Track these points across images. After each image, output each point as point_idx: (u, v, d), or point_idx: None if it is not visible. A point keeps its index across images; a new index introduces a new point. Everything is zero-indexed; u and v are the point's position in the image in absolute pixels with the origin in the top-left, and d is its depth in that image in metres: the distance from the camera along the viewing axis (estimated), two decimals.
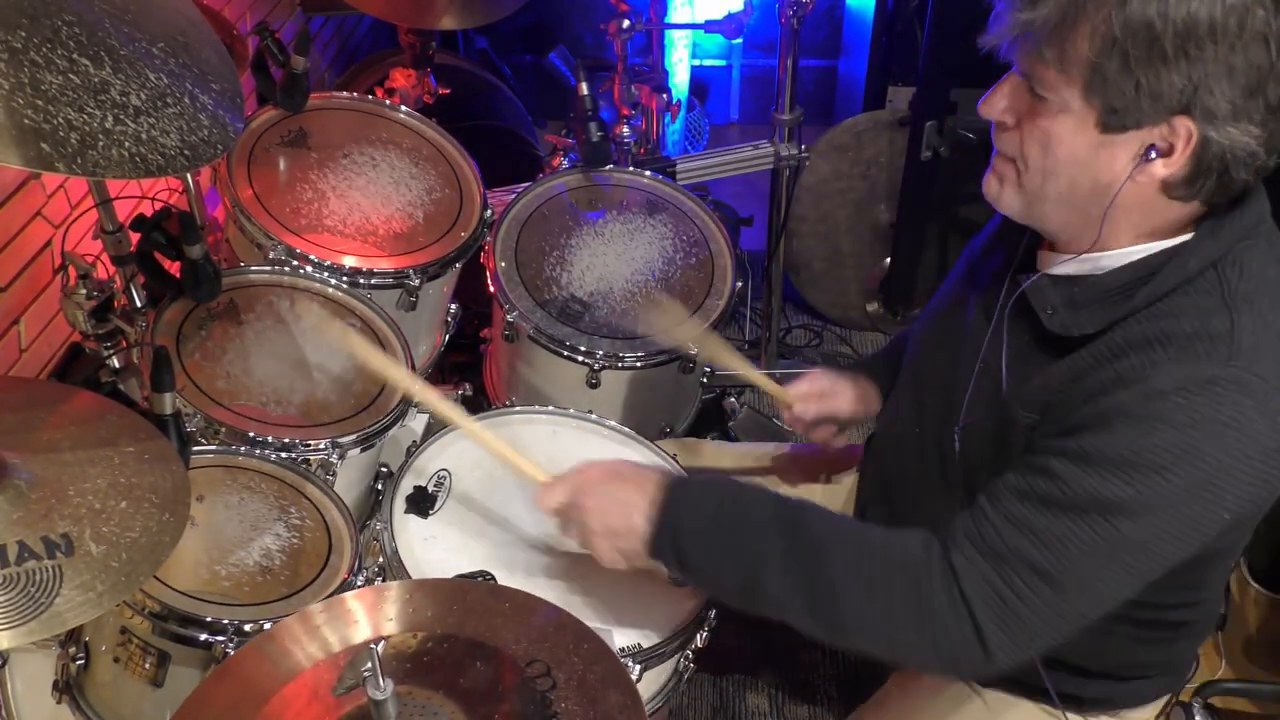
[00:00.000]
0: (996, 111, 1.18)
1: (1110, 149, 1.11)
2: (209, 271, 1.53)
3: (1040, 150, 1.15)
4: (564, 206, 2.02)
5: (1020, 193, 1.20)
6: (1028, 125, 1.15)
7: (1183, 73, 1.04)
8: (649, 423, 1.86)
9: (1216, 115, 1.06)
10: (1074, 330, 1.18)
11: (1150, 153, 1.10)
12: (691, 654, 1.47)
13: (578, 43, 3.88)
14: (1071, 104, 1.10)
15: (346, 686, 1.05)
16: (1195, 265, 1.13)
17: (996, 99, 1.18)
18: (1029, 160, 1.16)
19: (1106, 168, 1.12)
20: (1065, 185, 1.15)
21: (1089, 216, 1.17)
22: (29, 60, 1.01)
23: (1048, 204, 1.18)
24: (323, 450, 1.53)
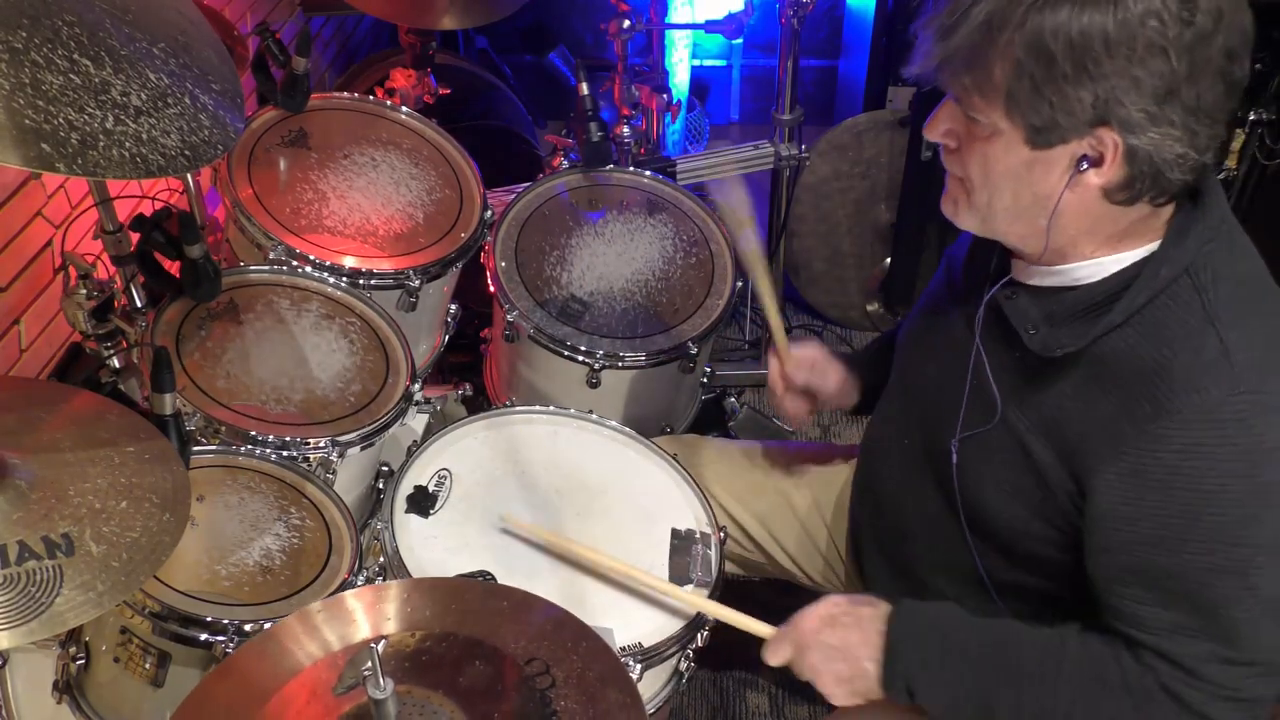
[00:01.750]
0: (938, 134, 1.21)
1: (1043, 163, 1.13)
2: (209, 271, 1.53)
3: (981, 170, 1.17)
4: (564, 206, 2.02)
5: (972, 210, 1.22)
6: (967, 146, 1.18)
7: (1088, 88, 1.06)
8: (649, 422, 1.86)
9: (1133, 124, 1.07)
10: (1056, 350, 1.19)
11: (1082, 164, 1.11)
12: (691, 654, 1.47)
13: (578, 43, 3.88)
14: (999, 125, 1.12)
15: (346, 686, 1.05)
16: (1167, 273, 1.14)
17: (938, 123, 1.20)
18: (973, 180, 1.19)
19: (1042, 181, 1.14)
20: (1009, 200, 1.17)
21: (1038, 228, 1.18)
22: (30, 60, 1.01)
23: (998, 219, 1.20)
24: (323, 449, 1.53)
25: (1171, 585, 1.14)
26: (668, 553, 1.53)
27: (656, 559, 1.52)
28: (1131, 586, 1.17)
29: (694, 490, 1.63)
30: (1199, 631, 1.14)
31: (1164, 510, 1.12)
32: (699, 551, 1.54)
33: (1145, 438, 1.12)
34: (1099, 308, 1.18)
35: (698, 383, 2.02)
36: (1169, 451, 1.11)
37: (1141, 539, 1.14)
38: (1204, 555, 1.12)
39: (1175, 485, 1.11)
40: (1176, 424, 1.11)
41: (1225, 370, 1.10)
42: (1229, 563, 1.11)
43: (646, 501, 1.60)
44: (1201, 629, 1.14)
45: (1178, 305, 1.14)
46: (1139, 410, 1.13)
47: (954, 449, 1.31)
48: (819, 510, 1.69)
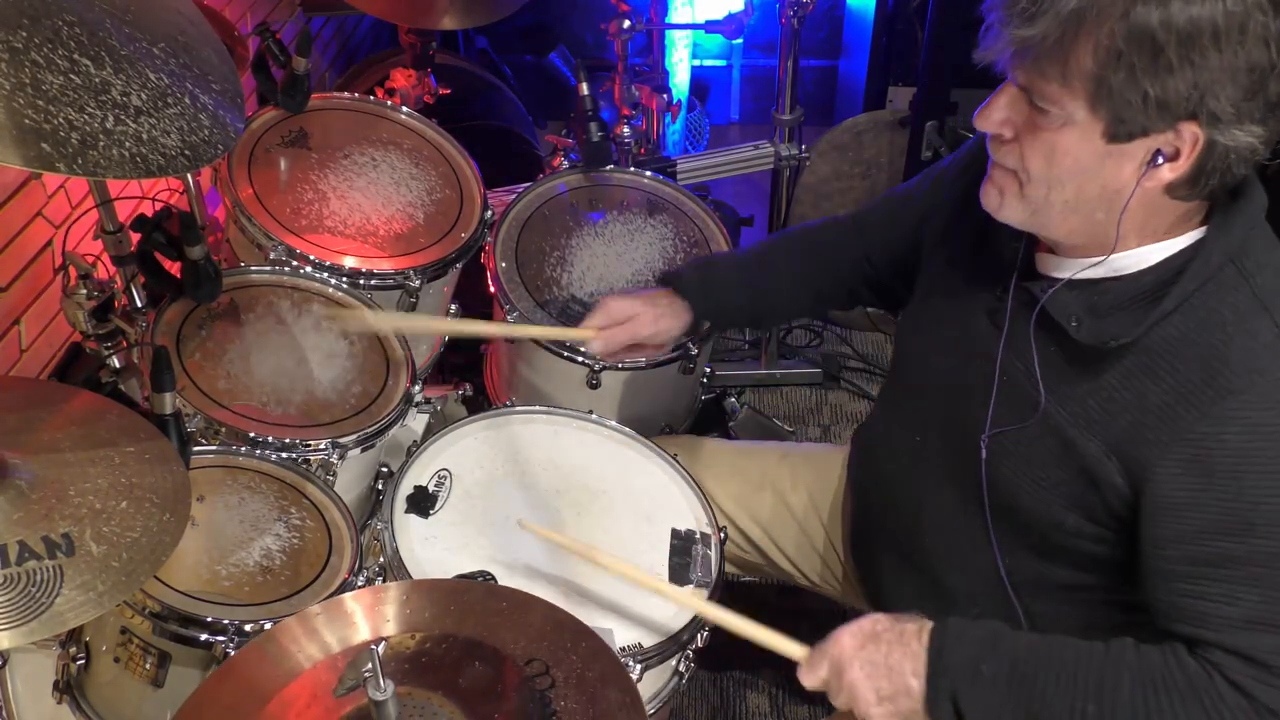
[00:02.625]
0: (994, 124, 1.17)
1: (1117, 158, 1.11)
2: (209, 272, 1.53)
3: (1044, 162, 1.14)
4: (564, 207, 2.02)
5: (1023, 203, 1.19)
6: (1028, 137, 1.14)
7: (1187, 79, 1.04)
8: (649, 423, 1.86)
9: (1221, 118, 1.06)
10: (1108, 341, 1.17)
11: (1157, 158, 1.10)
12: (691, 654, 1.47)
13: (578, 43, 3.88)
14: (1076, 116, 1.10)
15: (347, 687, 1.05)
16: (1217, 261, 1.14)
17: (993, 112, 1.16)
18: (1032, 172, 1.15)
19: (1114, 176, 1.12)
20: (1072, 194, 1.15)
21: (1095, 222, 1.16)
22: (30, 60, 1.01)
23: (1053, 213, 1.18)
24: (323, 450, 1.53)
25: (1239, 574, 1.12)
26: (668, 553, 1.53)
27: (656, 559, 1.52)
28: (1197, 581, 1.14)
29: (694, 490, 1.63)
30: (1270, 623, 1.12)
31: (1229, 494, 1.11)
32: (699, 552, 1.54)
33: (1207, 421, 1.11)
34: (1147, 296, 1.16)
35: (698, 383, 2.01)
36: (1232, 433, 1.11)
37: (1207, 527, 1.13)
38: (1273, 540, 1.11)
39: (1240, 468, 1.11)
40: (1238, 404, 1.10)
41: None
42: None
43: (646, 502, 1.60)
44: (1273, 620, 1.12)
45: (1226, 291, 1.14)
46: (1198, 395, 1.12)
47: (983, 445, 1.28)
48: (816, 511, 1.69)
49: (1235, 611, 1.13)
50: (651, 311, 1.60)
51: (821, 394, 2.96)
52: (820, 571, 1.71)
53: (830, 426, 2.84)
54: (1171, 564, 1.16)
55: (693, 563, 1.52)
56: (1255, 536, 1.11)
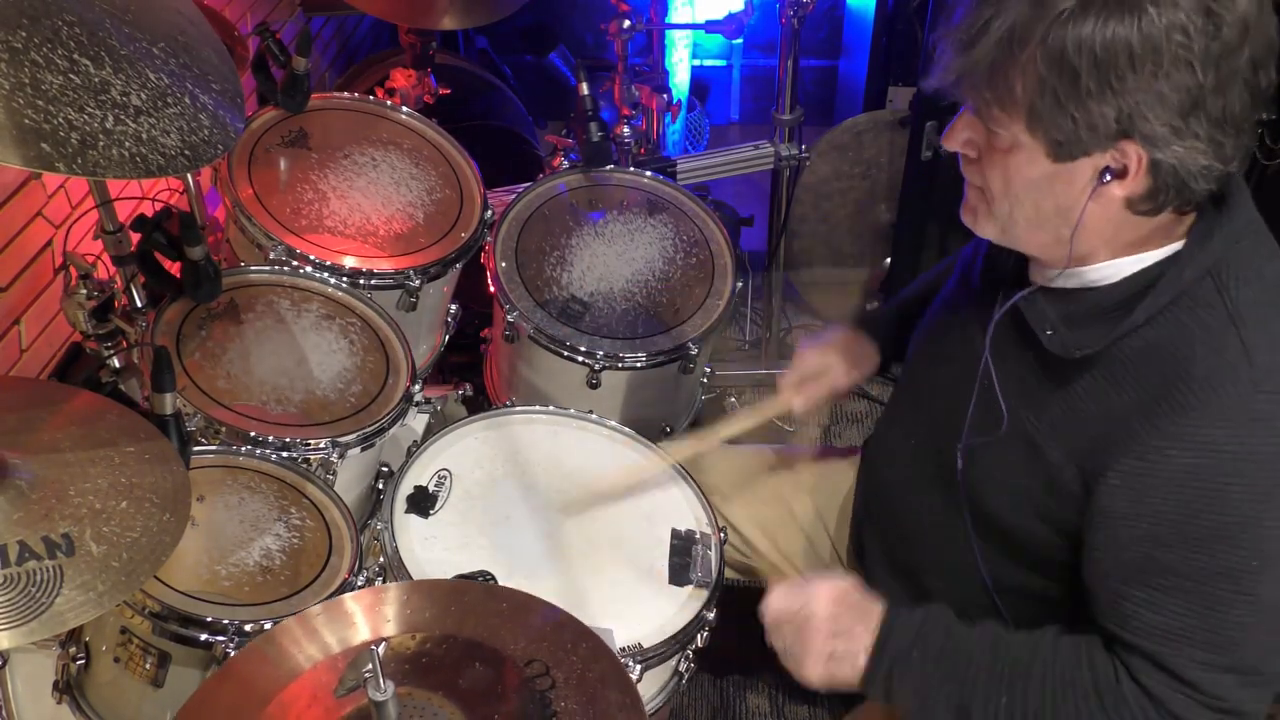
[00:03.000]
0: (957, 145, 1.20)
1: (1066, 175, 1.12)
2: (209, 271, 1.53)
3: (1001, 181, 1.16)
4: (564, 206, 2.02)
5: (993, 220, 1.21)
6: (987, 157, 1.17)
7: (1111, 103, 1.05)
8: (649, 423, 1.86)
9: (1157, 138, 1.06)
10: (1074, 351, 1.18)
11: (1105, 176, 1.11)
12: (691, 654, 1.47)
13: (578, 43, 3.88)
14: (1020, 138, 1.12)
15: (348, 688, 1.05)
16: (1191, 274, 1.13)
17: (956, 133, 1.19)
18: (993, 190, 1.18)
19: (1065, 193, 1.13)
20: (1031, 211, 1.17)
21: (1061, 238, 1.17)
22: (29, 60, 1.01)
23: (1019, 228, 1.20)
24: (323, 449, 1.53)
25: (1166, 584, 1.13)
26: (668, 553, 1.53)
27: (656, 559, 1.52)
28: (1127, 585, 1.16)
29: (694, 490, 1.63)
30: (1189, 635, 1.12)
31: (1167, 506, 1.12)
32: (699, 552, 1.54)
33: (1158, 435, 1.11)
34: (1119, 309, 1.17)
35: (698, 383, 2.01)
36: (1181, 449, 1.10)
37: (1141, 535, 1.14)
38: (1203, 555, 1.11)
39: (1182, 483, 1.10)
40: (1192, 421, 1.10)
41: (1245, 371, 1.09)
42: (1227, 565, 1.10)
43: (647, 502, 1.60)
44: (1192, 633, 1.12)
45: (1199, 306, 1.13)
46: (1156, 409, 1.12)
47: (959, 455, 1.30)
48: (820, 516, 1.69)
49: (1157, 619, 1.14)
50: (844, 363, 1.63)
51: None
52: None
53: (830, 426, 2.84)
54: (1105, 568, 1.17)
55: (693, 563, 1.52)
56: (1188, 549, 1.11)
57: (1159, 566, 1.13)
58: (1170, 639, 1.13)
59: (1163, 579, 1.13)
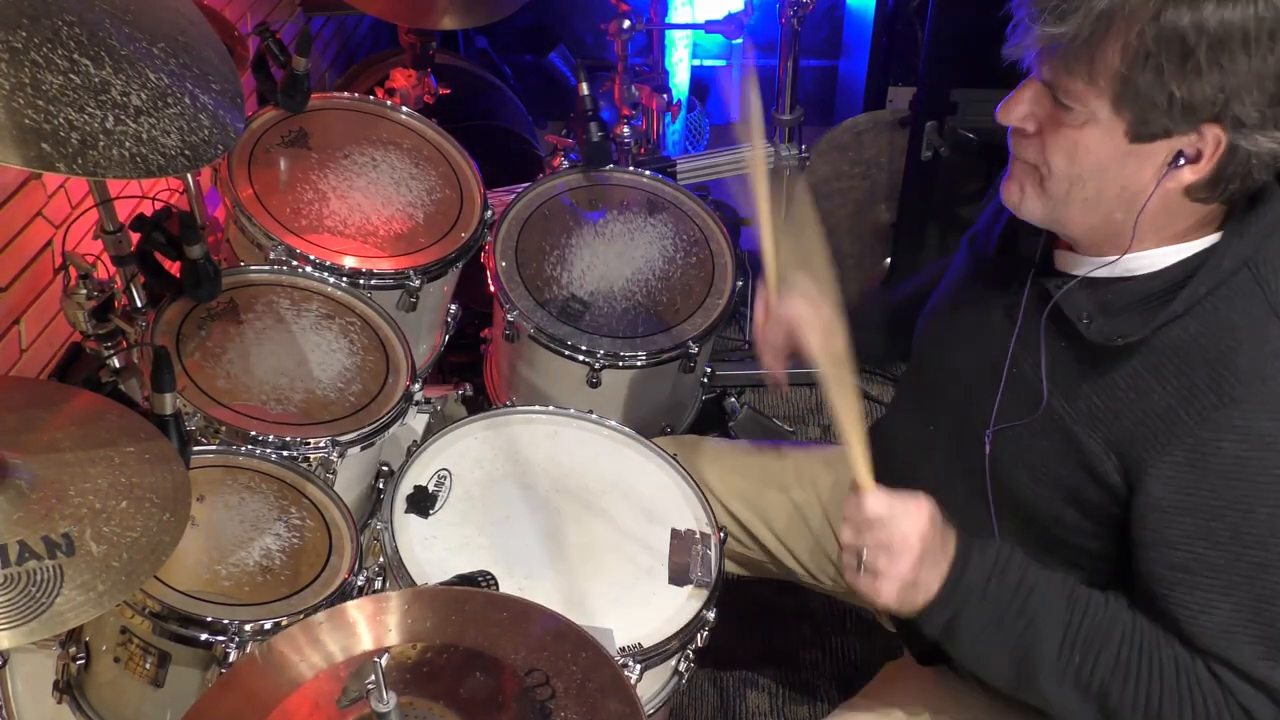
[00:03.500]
0: (1016, 118, 1.17)
1: (1139, 157, 1.11)
2: (209, 271, 1.53)
3: (1066, 158, 1.14)
4: (564, 206, 2.02)
5: (1043, 199, 1.19)
6: (1051, 133, 1.14)
7: (1214, 83, 1.05)
8: (649, 422, 1.86)
9: (1245, 123, 1.06)
10: (1116, 339, 1.17)
11: (1179, 160, 1.10)
12: (691, 654, 1.47)
13: (578, 43, 3.88)
14: (1099, 114, 1.10)
15: (350, 698, 1.05)
16: (1229, 265, 1.14)
17: (1016, 105, 1.16)
18: (1054, 167, 1.15)
19: (1135, 175, 1.13)
20: (1092, 192, 1.15)
21: (1114, 222, 1.17)
22: (30, 60, 1.01)
23: (1073, 209, 1.18)
24: (323, 449, 1.53)
25: (1217, 582, 1.13)
26: (667, 553, 1.53)
27: (657, 559, 1.52)
28: (1177, 589, 1.15)
29: (694, 490, 1.63)
30: (1246, 632, 1.12)
31: (1219, 500, 1.11)
32: (699, 551, 1.54)
33: (1207, 426, 1.11)
34: (1158, 298, 1.17)
35: (698, 383, 2.02)
36: (1231, 440, 1.10)
37: (1191, 531, 1.13)
38: (1257, 549, 1.11)
39: (1234, 475, 1.10)
40: (1240, 413, 1.10)
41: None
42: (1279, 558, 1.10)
43: (647, 501, 1.60)
44: (1248, 629, 1.12)
45: (1239, 297, 1.14)
46: (1201, 400, 1.12)
47: (988, 439, 1.29)
48: (826, 508, 1.68)
49: (1213, 620, 1.14)
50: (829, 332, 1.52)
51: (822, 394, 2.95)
52: (833, 574, 1.70)
53: (830, 426, 2.84)
54: (1157, 566, 1.17)
55: (693, 562, 1.52)
56: (1239, 545, 1.11)
57: (1210, 566, 1.13)
58: (1228, 637, 1.13)
59: (1214, 578, 1.13)
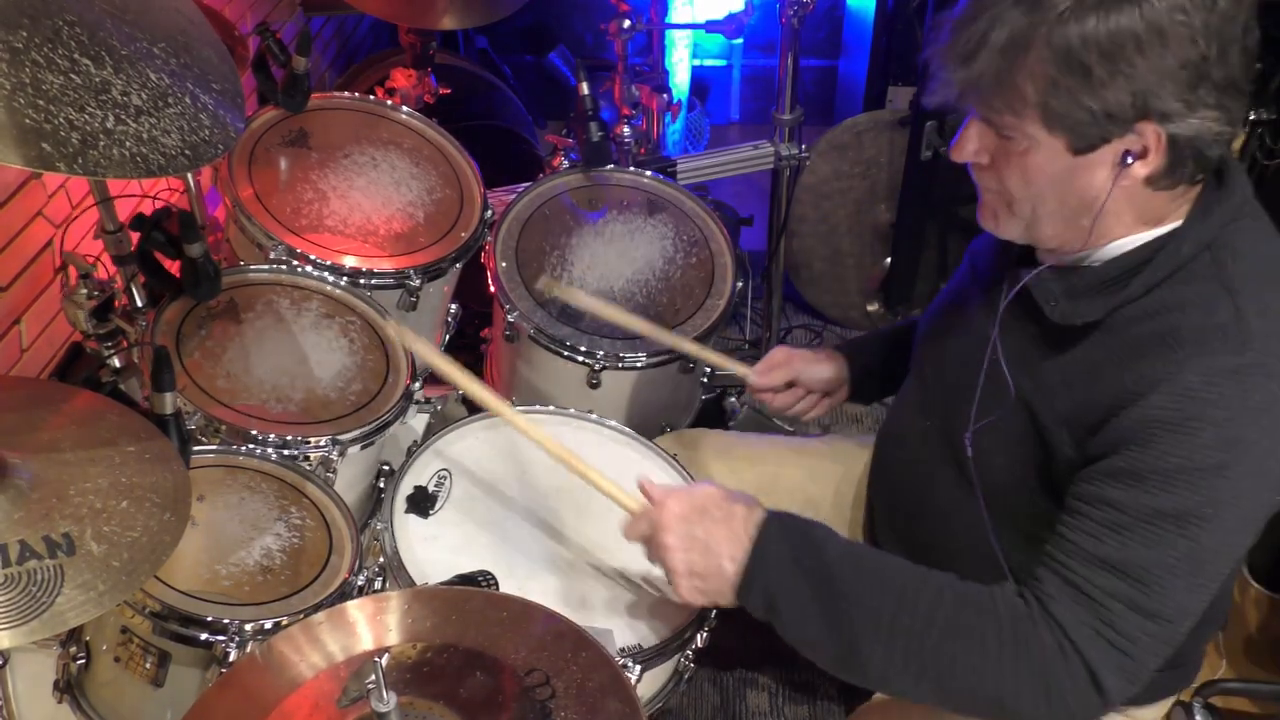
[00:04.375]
0: (969, 155, 1.21)
1: (1087, 167, 1.14)
2: (209, 271, 1.54)
3: (1021, 182, 1.18)
4: (564, 206, 2.02)
5: (1015, 220, 1.23)
6: (1002, 162, 1.18)
7: (1124, 89, 1.08)
8: (650, 422, 1.86)
9: (1172, 114, 1.09)
10: (1075, 319, 1.20)
11: (1127, 158, 1.13)
12: (691, 654, 1.47)
13: (578, 43, 3.88)
14: (1037, 137, 1.13)
15: (350, 699, 1.05)
16: (1189, 250, 1.16)
17: (966, 144, 1.20)
18: (1014, 192, 1.19)
19: (1089, 183, 1.15)
20: (1054, 206, 1.18)
21: (1082, 227, 1.19)
22: (30, 60, 1.01)
23: (1043, 225, 1.21)
24: (323, 447, 1.54)
25: (1110, 517, 1.14)
26: None
27: None
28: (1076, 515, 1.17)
29: None
30: (1122, 569, 1.13)
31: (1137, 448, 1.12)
32: None
33: (1140, 383, 1.13)
34: (1118, 281, 1.19)
35: (698, 383, 2.01)
36: (1159, 394, 1.12)
37: (1104, 470, 1.15)
38: (1160, 494, 1.11)
39: (1153, 425, 1.11)
40: (1172, 371, 1.12)
41: (1234, 332, 1.12)
42: (1181, 506, 1.11)
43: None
44: (1125, 566, 1.13)
45: (1195, 279, 1.16)
46: (1145, 371, 1.14)
47: (969, 437, 1.30)
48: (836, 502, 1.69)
49: (1091, 546, 1.14)
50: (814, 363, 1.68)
51: None
52: None
53: (830, 426, 2.84)
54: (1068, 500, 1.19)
55: None
56: (1142, 490, 1.12)
57: (1109, 500, 1.14)
58: (1098, 566, 1.14)
59: (1113, 512, 1.14)
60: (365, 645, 1.14)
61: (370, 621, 1.17)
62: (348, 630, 1.16)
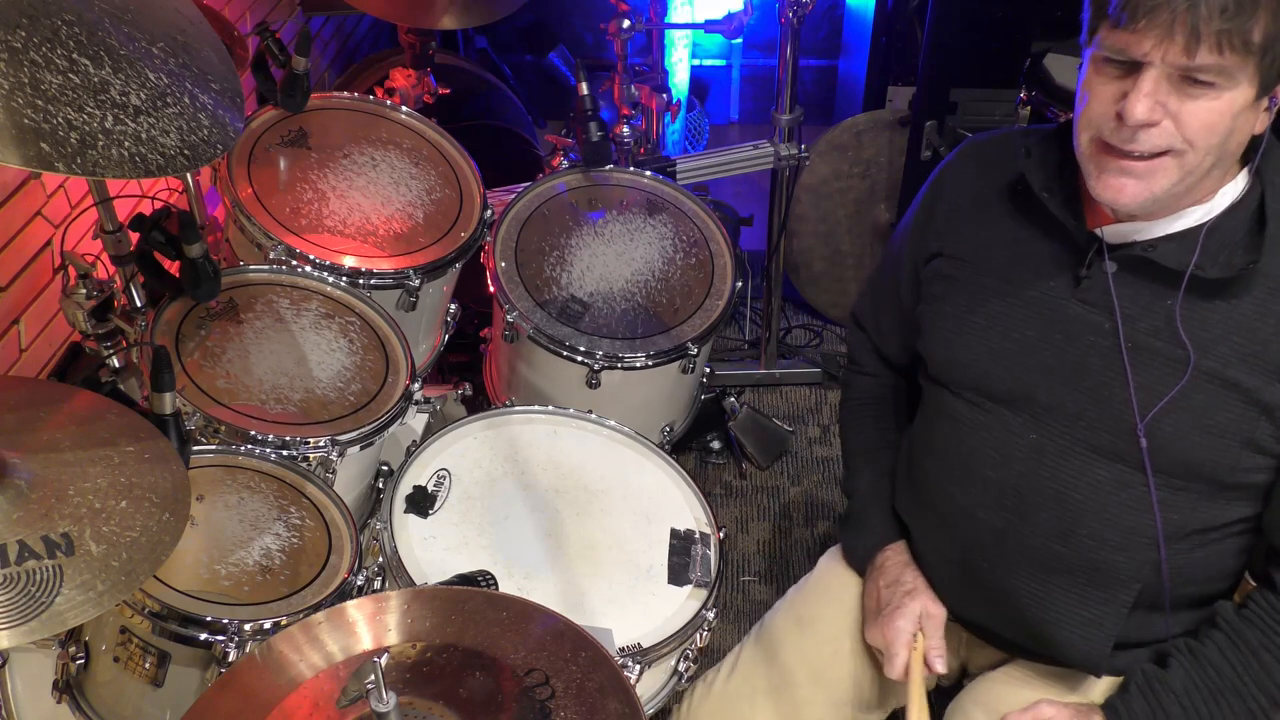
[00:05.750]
0: (1146, 112, 1.17)
1: (1255, 109, 1.19)
2: (208, 271, 1.53)
3: (1206, 131, 1.18)
4: (564, 206, 2.02)
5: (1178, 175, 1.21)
6: (1186, 114, 1.17)
7: None
8: (649, 422, 1.86)
9: None
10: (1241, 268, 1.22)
11: (1273, 102, 1.20)
12: (691, 653, 1.47)
13: (578, 43, 3.88)
14: (1241, 79, 1.16)
15: (350, 699, 1.05)
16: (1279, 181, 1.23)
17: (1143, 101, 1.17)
18: (1195, 143, 1.19)
19: (1248, 126, 1.20)
20: (1220, 153, 1.20)
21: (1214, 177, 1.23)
22: (29, 60, 1.01)
23: (1200, 175, 1.22)
24: (322, 448, 1.53)
25: None
26: (667, 552, 1.53)
27: (656, 559, 1.52)
28: None
29: (693, 490, 1.63)
30: None
31: None
32: (698, 551, 1.54)
33: None
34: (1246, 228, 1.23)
35: (698, 383, 2.02)
36: None
37: None
38: None
39: None
40: None
41: None
42: None
43: (646, 501, 1.60)
44: None
45: None
46: None
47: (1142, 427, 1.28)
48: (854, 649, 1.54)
49: None
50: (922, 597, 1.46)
51: (821, 394, 2.96)
52: None
53: (830, 426, 2.84)
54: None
55: (692, 562, 1.52)
56: None
57: None
58: None
59: None
60: (365, 645, 1.14)
61: (370, 621, 1.16)
62: (347, 630, 1.15)
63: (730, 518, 2.59)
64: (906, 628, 1.42)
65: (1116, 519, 1.32)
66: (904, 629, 1.42)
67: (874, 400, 1.63)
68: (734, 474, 2.71)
